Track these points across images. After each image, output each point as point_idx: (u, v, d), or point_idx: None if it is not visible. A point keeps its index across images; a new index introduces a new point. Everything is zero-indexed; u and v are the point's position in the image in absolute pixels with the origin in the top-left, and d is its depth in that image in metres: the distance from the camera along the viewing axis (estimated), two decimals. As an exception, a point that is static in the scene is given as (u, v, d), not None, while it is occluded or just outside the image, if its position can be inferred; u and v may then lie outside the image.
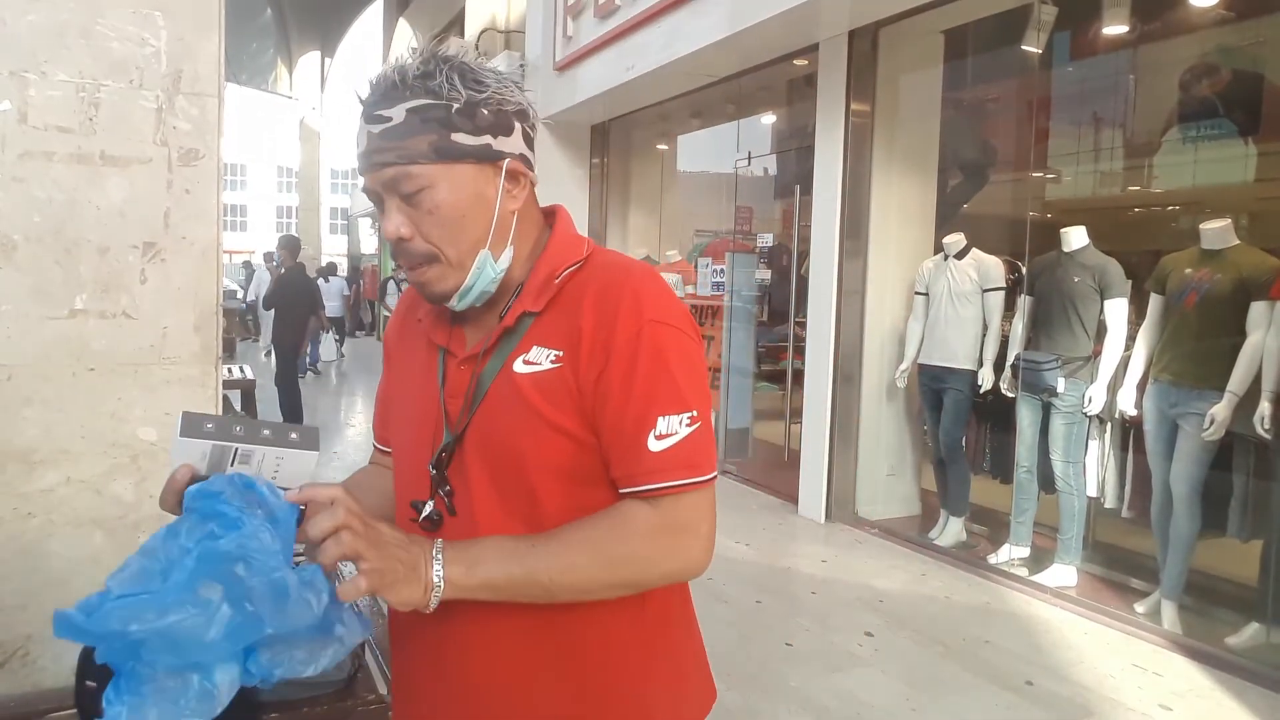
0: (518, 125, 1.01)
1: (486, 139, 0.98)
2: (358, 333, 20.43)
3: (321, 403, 10.35)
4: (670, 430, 0.96)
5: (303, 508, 0.87)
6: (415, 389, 1.11)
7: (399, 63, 0.97)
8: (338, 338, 15.69)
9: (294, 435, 0.95)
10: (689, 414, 0.97)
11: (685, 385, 0.98)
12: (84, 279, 1.71)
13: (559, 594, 0.94)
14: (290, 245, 8.62)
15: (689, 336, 1.01)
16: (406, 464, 1.12)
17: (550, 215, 1.11)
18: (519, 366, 1.00)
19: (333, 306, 14.47)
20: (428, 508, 1.04)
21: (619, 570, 0.96)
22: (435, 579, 0.88)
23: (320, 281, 12.93)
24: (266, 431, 0.93)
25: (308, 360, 12.58)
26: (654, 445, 0.96)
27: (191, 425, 0.91)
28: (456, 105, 0.96)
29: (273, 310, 8.46)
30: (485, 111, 0.98)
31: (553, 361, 0.99)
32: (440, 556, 0.89)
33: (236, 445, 0.92)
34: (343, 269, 23.25)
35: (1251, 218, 4.73)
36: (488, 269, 1.01)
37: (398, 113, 0.95)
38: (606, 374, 0.96)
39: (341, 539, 0.84)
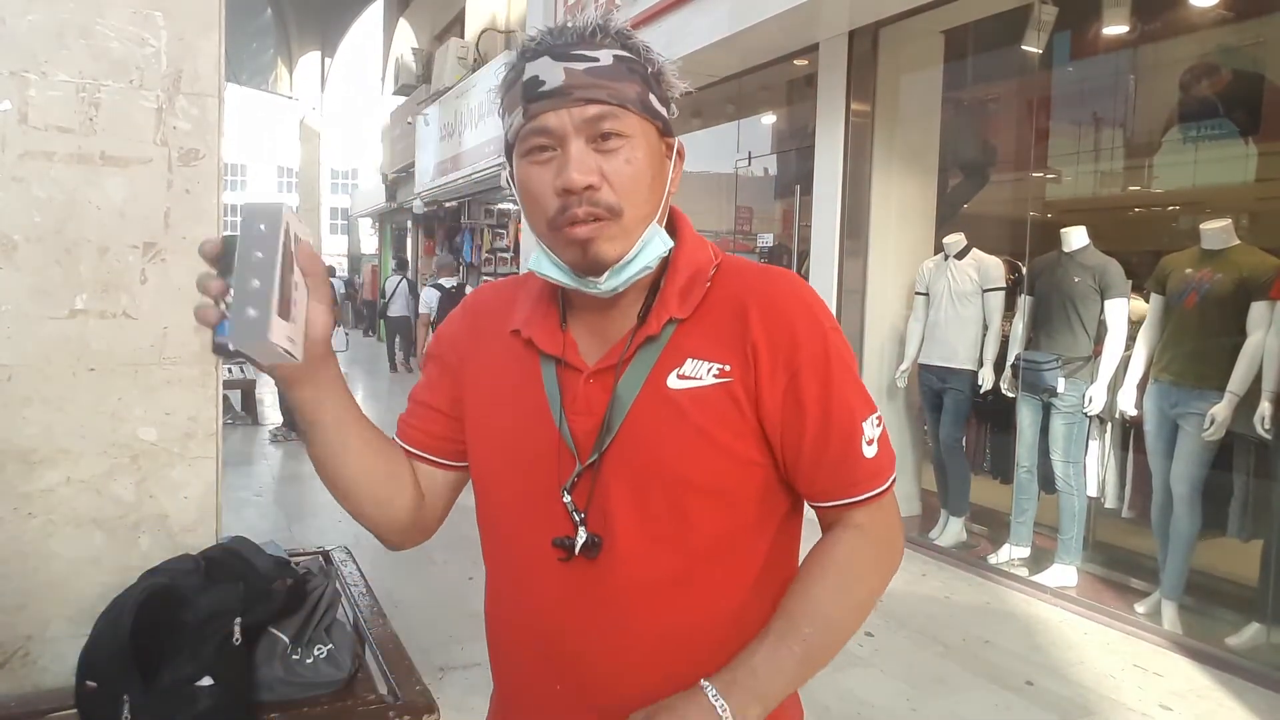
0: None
1: (666, 113, 0.95)
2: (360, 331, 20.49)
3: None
4: (873, 434, 0.96)
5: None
6: (516, 407, 0.99)
7: (592, 17, 0.93)
8: (347, 331, 16.32)
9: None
10: (877, 414, 0.97)
11: (864, 387, 0.98)
12: (84, 279, 1.71)
13: (827, 661, 0.95)
14: None
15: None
16: (516, 492, 0.99)
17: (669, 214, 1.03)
18: (674, 382, 0.92)
19: None
20: (582, 536, 0.93)
21: (865, 608, 0.97)
22: None
23: None
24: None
25: None
26: (867, 452, 0.95)
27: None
28: (652, 69, 0.94)
29: None
30: (664, 87, 0.95)
31: (716, 376, 0.92)
32: (724, 704, 0.85)
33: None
34: (343, 269, 23.38)
35: (1252, 218, 4.72)
36: (656, 242, 0.93)
37: (604, 55, 0.89)
38: (798, 390, 0.92)
39: None
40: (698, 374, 0.92)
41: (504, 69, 0.96)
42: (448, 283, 9.64)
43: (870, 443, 0.95)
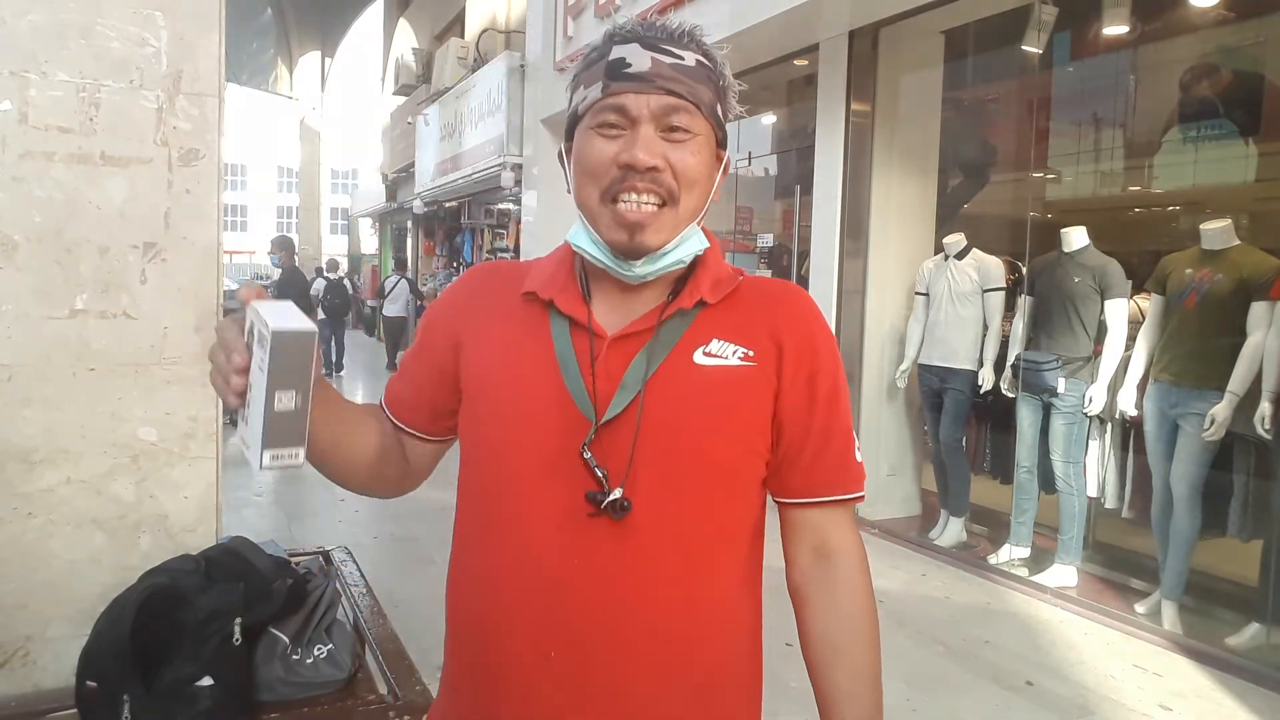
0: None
1: (726, 128, 1.01)
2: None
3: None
4: (857, 443, 1.05)
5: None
6: (523, 364, 0.98)
7: (678, 19, 0.99)
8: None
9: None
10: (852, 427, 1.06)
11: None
12: (84, 279, 1.71)
13: None
14: (286, 245, 8.68)
15: None
16: (526, 448, 0.96)
17: None
18: (700, 358, 0.96)
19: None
20: (616, 493, 0.91)
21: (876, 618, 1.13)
22: None
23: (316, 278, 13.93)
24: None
25: None
26: (858, 456, 1.04)
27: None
28: (723, 83, 0.99)
29: None
30: (727, 102, 1.00)
31: (741, 359, 0.97)
32: None
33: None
34: (342, 268, 23.52)
35: (1252, 218, 4.72)
36: (694, 240, 0.98)
37: (689, 56, 0.95)
38: (814, 389, 0.99)
39: None
40: (723, 354, 0.96)
41: (586, 48, 1.00)
42: (332, 275, 13.34)
43: (859, 449, 1.04)
